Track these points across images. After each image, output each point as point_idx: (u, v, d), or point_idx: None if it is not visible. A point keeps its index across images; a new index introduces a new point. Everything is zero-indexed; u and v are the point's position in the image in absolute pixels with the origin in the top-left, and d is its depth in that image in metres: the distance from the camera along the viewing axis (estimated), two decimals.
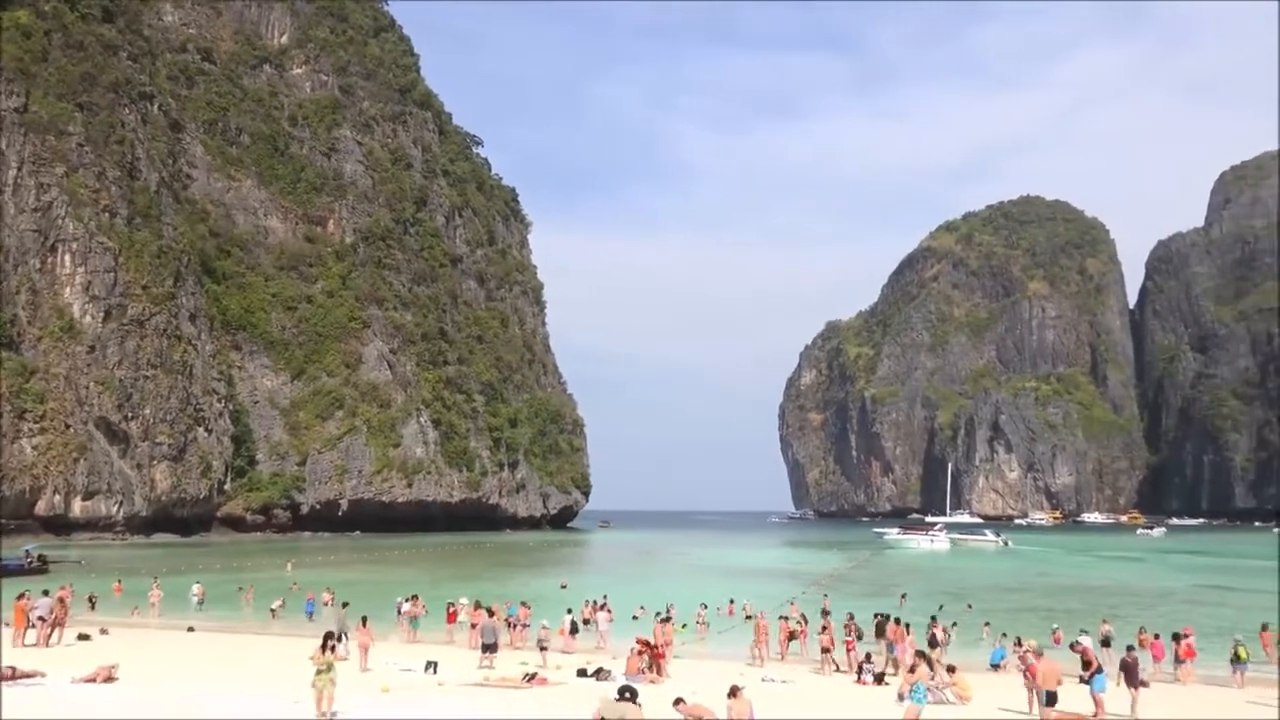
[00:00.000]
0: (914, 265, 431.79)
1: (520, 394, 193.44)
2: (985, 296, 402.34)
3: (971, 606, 47.49)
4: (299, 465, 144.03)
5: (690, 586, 56.02)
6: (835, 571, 78.40)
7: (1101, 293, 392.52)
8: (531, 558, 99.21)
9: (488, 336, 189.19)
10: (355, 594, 44.38)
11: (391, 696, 22.32)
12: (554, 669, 27.54)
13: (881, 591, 58.16)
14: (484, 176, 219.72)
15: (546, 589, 55.22)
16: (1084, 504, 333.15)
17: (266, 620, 41.64)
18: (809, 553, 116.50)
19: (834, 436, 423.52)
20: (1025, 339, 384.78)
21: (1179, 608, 51.98)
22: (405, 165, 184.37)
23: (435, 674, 26.29)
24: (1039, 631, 35.14)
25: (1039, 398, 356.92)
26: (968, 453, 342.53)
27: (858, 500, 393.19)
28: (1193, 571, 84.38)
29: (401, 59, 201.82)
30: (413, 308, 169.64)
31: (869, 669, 27.56)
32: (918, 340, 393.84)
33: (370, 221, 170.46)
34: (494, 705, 21.99)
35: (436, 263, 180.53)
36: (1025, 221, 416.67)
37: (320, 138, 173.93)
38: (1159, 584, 70.48)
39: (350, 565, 79.79)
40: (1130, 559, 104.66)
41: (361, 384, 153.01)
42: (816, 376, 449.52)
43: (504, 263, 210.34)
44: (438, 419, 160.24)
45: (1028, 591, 63.14)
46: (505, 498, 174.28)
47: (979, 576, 76.36)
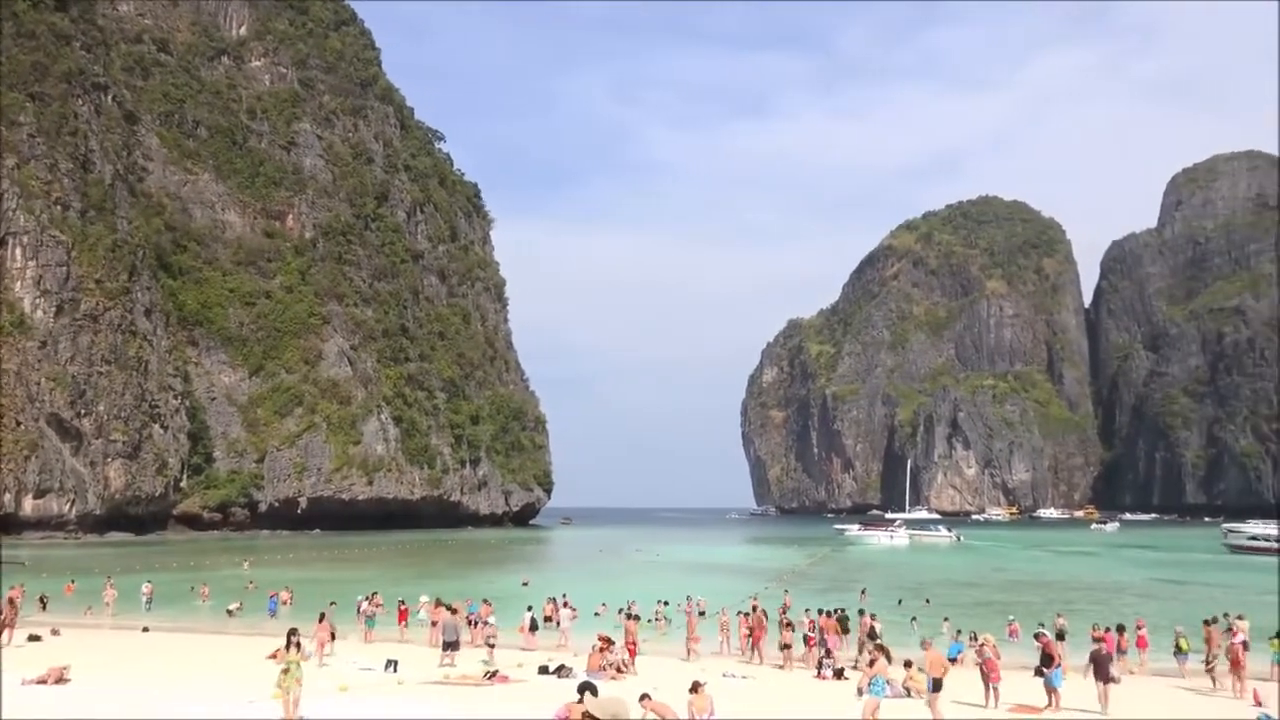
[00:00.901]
0: (875, 264, 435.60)
1: (482, 391, 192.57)
2: (944, 295, 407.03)
3: (930, 601, 48.06)
4: (257, 463, 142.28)
5: (652, 583, 56.14)
6: (796, 568, 78.96)
7: (1058, 292, 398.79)
8: (493, 555, 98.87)
9: (449, 333, 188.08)
10: (315, 592, 44.02)
11: (351, 696, 22.13)
12: (515, 666, 27.47)
13: (841, 587, 58.68)
14: (446, 172, 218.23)
15: (508, 586, 55.06)
16: (1040, 500, 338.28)
17: (223, 620, 41.12)
18: (770, 549, 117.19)
19: (795, 433, 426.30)
20: (983, 337, 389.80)
21: (1132, 601, 52.99)
22: (366, 160, 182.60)
23: (395, 673, 26.12)
24: (996, 626, 35.62)
25: (996, 395, 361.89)
26: (927, 449, 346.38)
27: (819, 497, 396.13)
28: (1145, 566, 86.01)
29: (362, 53, 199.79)
30: (373, 304, 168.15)
31: (829, 664, 27.83)
32: (878, 338, 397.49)
33: (330, 216, 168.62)
34: (455, 704, 21.89)
35: (398, 259, 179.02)
36: (984, 221, 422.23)
37: (279, 131, 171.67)
38: (1112, 578, 71.78)
39: (309, 563, 79.01)
40: (1084, 554, 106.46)
41: (321, 380, 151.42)
42: (778, 374, 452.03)
43: (466, 259, 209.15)
44: (399, 416, 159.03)
45: (985, 586, 64.02)
46: (467, 495, 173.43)
47: (937, 572, 77.28)
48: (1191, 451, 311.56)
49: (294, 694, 18.50)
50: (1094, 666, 22.53)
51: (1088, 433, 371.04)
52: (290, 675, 18.48)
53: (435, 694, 23.32)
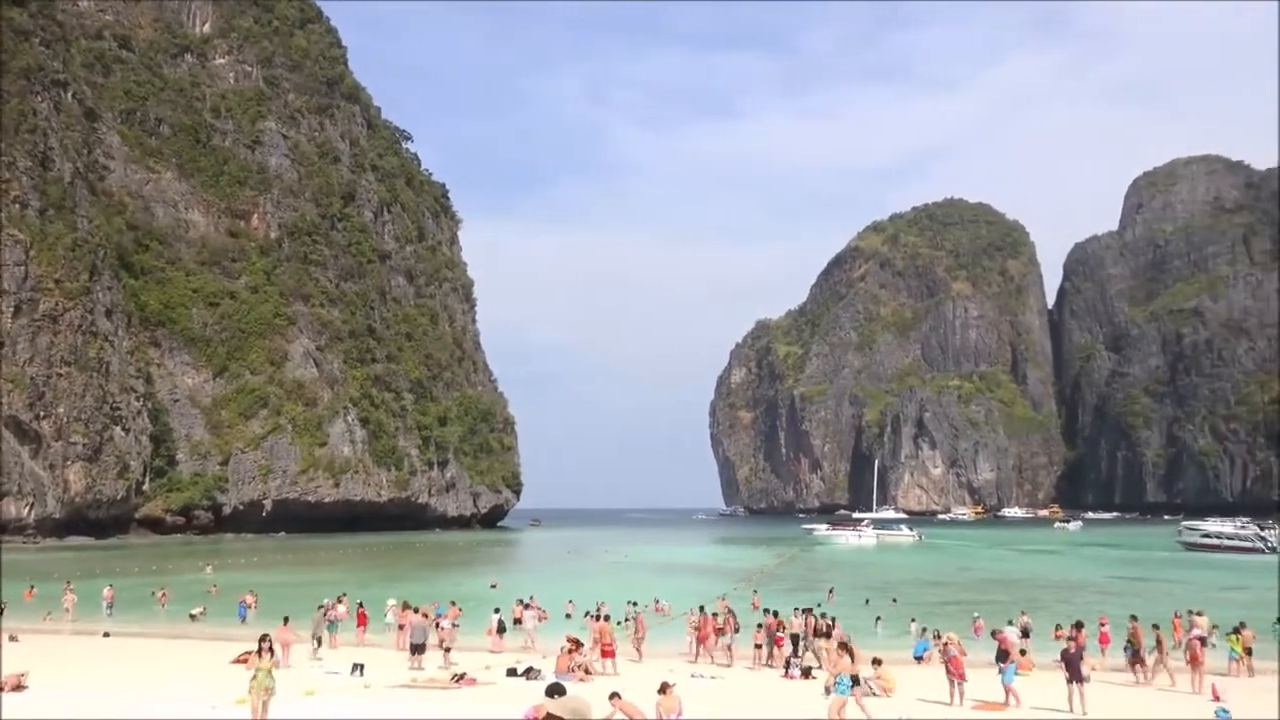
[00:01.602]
0: (842, 265, 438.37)
1: (450, 392, 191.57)
2: (911, 296, 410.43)
3: (896, 601, 48.48)
4: (221, 465, 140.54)
5: (621, 584, 56.18)
6: (764, 568, 79.29)
7: (1022, 293, 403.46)
8: (461, 557, 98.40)
9: (417, 334, 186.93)
10: (280, 596, 43.61)
11: (317, 700, 21.94)
12: (483, 669, 27.38)
13: (810, 586, 59.01)
14: (413, 172, 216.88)
15: (476, 589, 54.84)
16: (1005, 499, 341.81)
17: (185, 624, 40.61)
18: (739, 549, 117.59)
19: (764, 434, 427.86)
20: (949, 338, 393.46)
21: (1094, 598, 53.74)
22: (332, 159, 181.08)
23: (362, 676, 25.94)
24: (961, 625, 35.99)
25: (962, 395, 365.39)
26: (894, 450, 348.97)
27: (787, 497, 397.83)
28: (1106, 564, 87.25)
29: (328, 51, 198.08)
30: (340, 304, 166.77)
31: (796, 663, 28.00)
32: (845, 339, 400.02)
33: (296, 216, 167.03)
34: (422, 707, 21.77)
35: (364, 259, 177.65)
36: (949, 223, 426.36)
37: (244, 130, 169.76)
38: (1075, 576, 72.74)
39: (274, 566, 78.23)
40: (1047, 552, 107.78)
41: (287, 382, 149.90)
42: (747, 375, 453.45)
43: (434, 259, 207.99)
44: (365, 417, 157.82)
45: (951, 585, 64.65)
46: (435, 497, 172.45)
47: (904, 571, 77.95)
48: (1152, 451, 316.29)
49: (264, 701, 18.12)
50: (1065, 666, 22.40)
51: (1051, 432, 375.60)
52: (260, 682, 18.13)
53: (403, 697, 23.18)
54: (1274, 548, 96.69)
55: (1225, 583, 63.81)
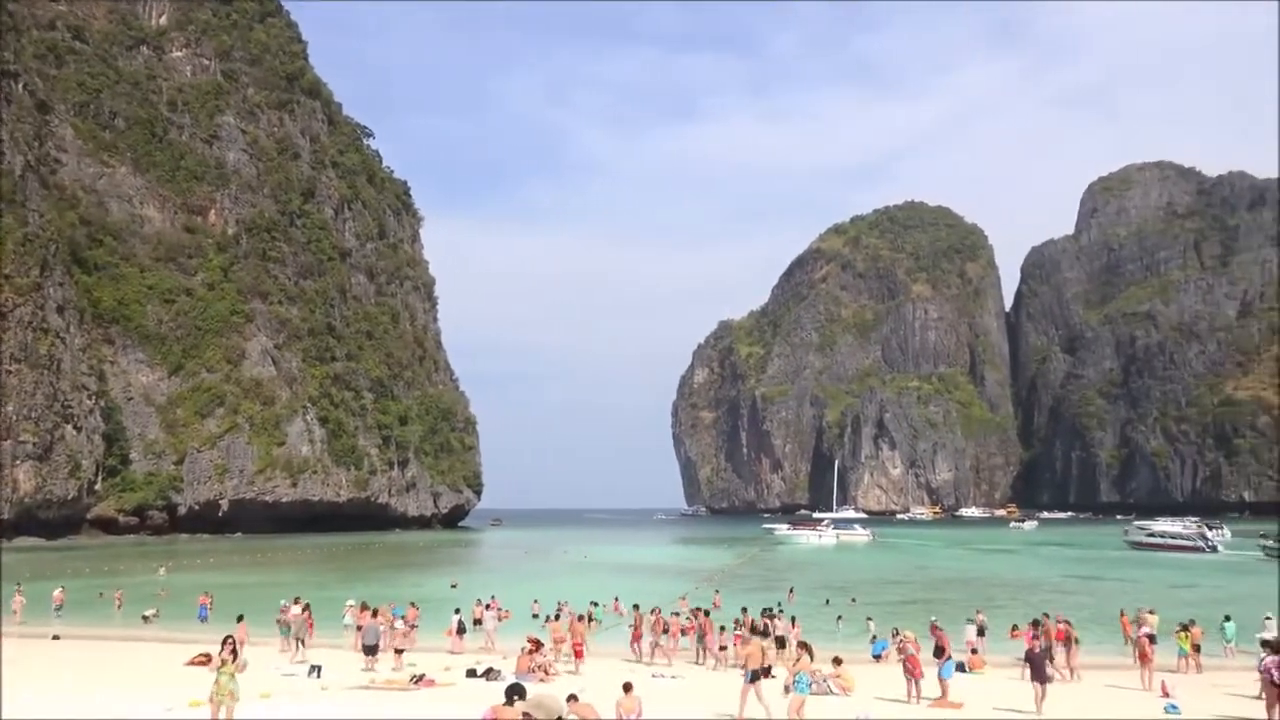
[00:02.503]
0: (804, 266, 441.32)
1: (411, 391, 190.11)
2: (871, 298, 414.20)
3: (855, 600, 48.86)
4: (176, 464, 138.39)
5: (582, 584, 56.12)
6: (725, 567, 79.61)
7: (980, 296, 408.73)
8: (421, 557, 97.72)
9: (377, 332, 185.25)
10: (237, 598, 43.06)
11: (273, 702, 21.66)
12: (442, 670, 27.23)
13: (770, 586, 59.35)
14: (375, 169, 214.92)
15: (437, 589, 54.51)
16: (962, 499, 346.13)
17: (138, 626, 39.93)
18: (700, 549, 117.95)
19: (725, 434, 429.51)
20: (909, 340, 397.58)
21: (1049, 596, 54.54)
22: (292, 155, 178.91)
23: (318, 678, 25.67)
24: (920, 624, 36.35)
25: (921, 396, 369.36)
26: (854, 450, 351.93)
27: (748, 497, 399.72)
28: (1060, 563, 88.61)
29: (288, 45, 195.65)
30: (299, 302, 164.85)
31: None
32: (807, 340, 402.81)
33: (254, 212, 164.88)
34: (380, 708, 21.59)
35: (324, 256, 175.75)
36: (910, 226, 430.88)
37: (201, 124, 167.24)
38: (1030, 575, 73.80)
39: (231, 568, 77.19)
40: (1004, 551, 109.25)
41: (244, 380, 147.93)
42: (709, 375, 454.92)
43: (395, 257, 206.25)
44: (325, 416, 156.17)
45: (909, 585, 65.30)
46: (395, 497, 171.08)
47: (863, 571, 78.62)
48: (1106, 451, 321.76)
49: (227, 706, 17.52)
50: (1029, 666, 22.19)
51: (1008, 433, 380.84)
52: (222, 686, 17.52)
53: (360, 699, 22.98)
54: (1214, 547, 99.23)
55: (1174, 581, 65.11)
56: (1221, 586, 60.20)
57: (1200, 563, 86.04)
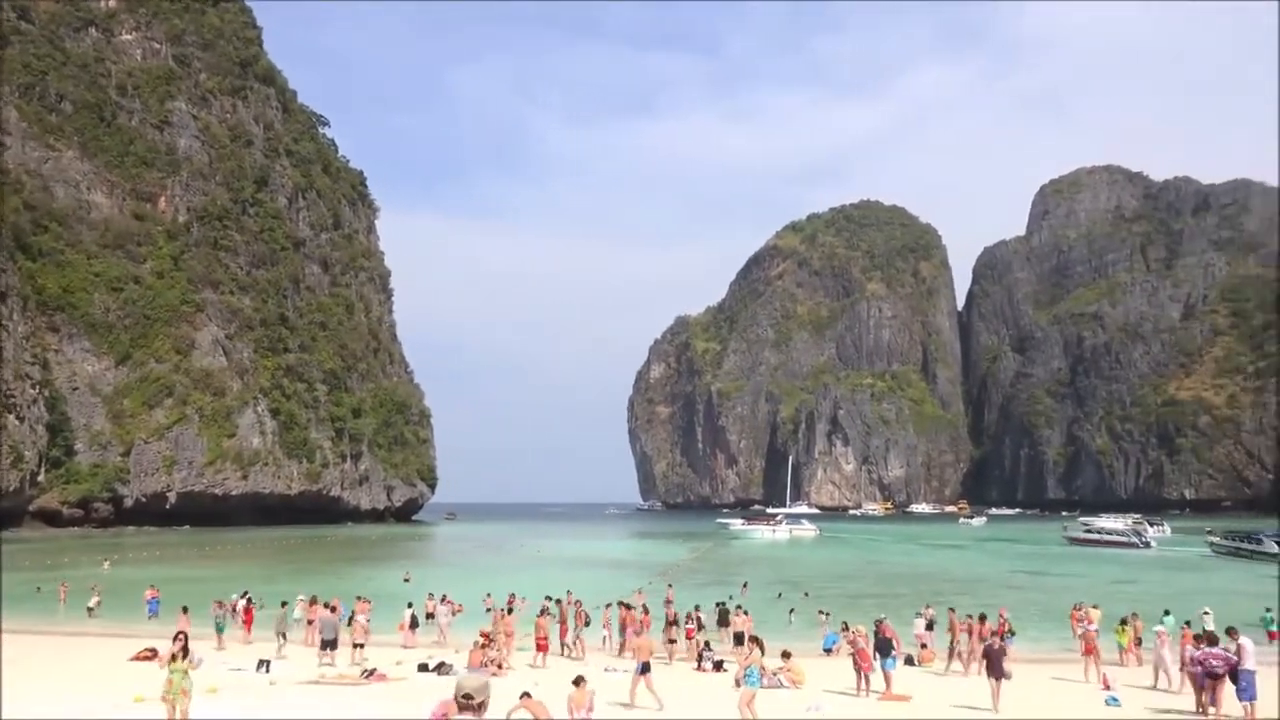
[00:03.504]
0: (761, 263, 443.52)
1: (365, 383, 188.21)
2: (827, 295, 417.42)
3: (808, 595, 49.34)
4: (123, 456, 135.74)
5: (535, 579, 56.04)
6: (680, 562, 79.93)
7: (933, 295, 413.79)
8: (374, 551, 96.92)
9: (331, 324, 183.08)
10: (184, 591, 42.43)
11: (219, 698, 21.38)
12: (394, 664, 27.09)
13: (724, 581, 59.67)
14: (330, 158, 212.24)
15: (389, 583, 54.11)
16: (914, 495, 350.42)
17: (82, 621, 39.18)
18: (654, 543, 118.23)
19: (681, 429, 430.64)
20: (863, 337, 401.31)
21: (997, 591, 55.52)
22: (245, 142, 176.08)
23: (267, 673, 25.41)
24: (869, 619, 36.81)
25: (874, 394, 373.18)
26: (808, 446, 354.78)
27: (703, 492, 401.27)
28: (1007, 558, 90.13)
29: (243, 31, 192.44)
30: (251, 292, 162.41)
31: (709, 656, 28.35)
32: (763, 336, 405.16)
33: (206, 200, 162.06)
34: (330, 704, 21.43)
35: (278, 246, 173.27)
36: (865, 225, 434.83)
37: (152, 109, 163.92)
38: (978, 570, 75.02)
39: (179, 561, 75.92)
40: (953, 547, 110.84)
41: (194, 371, 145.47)
42: (665, 370, 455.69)
43: (350, 248, 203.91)
44: (276, 408, 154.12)
45: (861, 579, 66.03)
46: (347, 490, 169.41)
47: (816, 565, 79.36)
48: (1053, 449, 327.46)
49: (181, 705, 16.94)
50: (986, 662, 21.79)
51: (959, 430, 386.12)
52: (175, 684, 16.95)
53: (310, 694, 22.78)
54: (1148, 543, 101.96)
55: (1116, 577, 66.56)
56: (1163, 582, 61.70)
57: (1141, 558, 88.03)
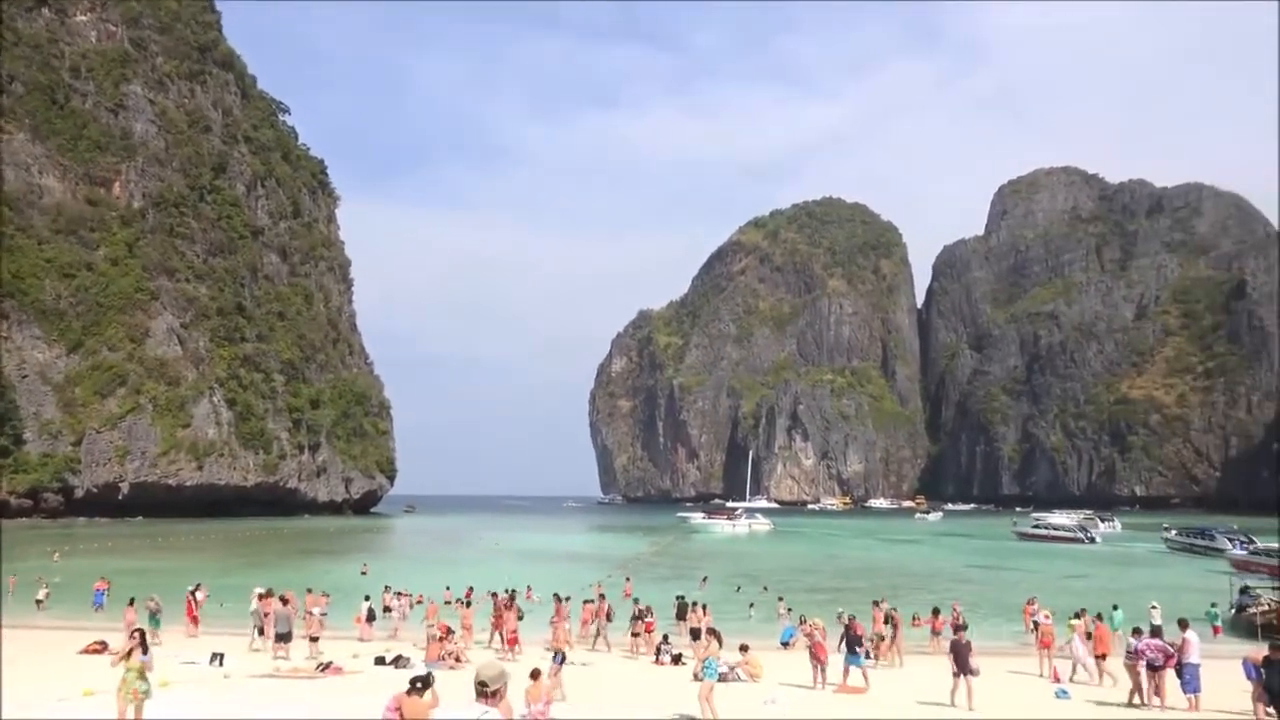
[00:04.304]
0: (723, 259, 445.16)
1: (324, 374, 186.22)
2: (788, 292, 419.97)
3: (767, 589, 49.69)
4: (74, 445, 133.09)
5: (494, 572, 55.90)
6: (639, 555, 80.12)
7: (893, 292, 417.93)
8: (331, 544, 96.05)
9: (290, 313, 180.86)
10: (136, 584, 41.78)
11: (171, 691, 21.08)
12: (351, 658, 26.89)
13: (683, 574, 59.93)
14: (290, 146, 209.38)
15: (346, 576, 53.70)
16: (872, 490, 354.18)
17: (31, 613, 38.44)
18: (614, 537, 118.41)
19: (642, 423, 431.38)
20: (824, 333, 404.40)
21: (951, 585, 56.30)
22: (203, 128, 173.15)
23: (221, 666, 25.12)
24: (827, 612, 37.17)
25: (834, 389, 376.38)
26: (768, 440, 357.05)
27: (664, 485, 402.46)
28: (963, 553, 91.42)
29: (201, 15, 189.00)
30: (208, 280, 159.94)
31: (667, 650, 28.47)
32: (724, 331, 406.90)
33: (162, 186, 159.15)
34: (284, 697, 21.23)
35: (235, 234, 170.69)
36: (827, 222, 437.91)
37: (107, 93, 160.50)
38: (934, 565, 76.02)
39: (131, 553, 74.70)
40: (910, 542, 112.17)
41: (148, 359, 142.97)
42: (627, 364, 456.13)
43: (309, 237, 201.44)
44: (233, 398, 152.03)
45: (819, 573, 66.62)
46: (305, 482, 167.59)
47: (775, 559, 79.92)
48: (1008, 446, 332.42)
49: (136, 705, 16.10)
50: (954, 658, 21.36)
51: (917, 427, 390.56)
52: (129, 684, 16.05)
53: (264, 687, 22.55)
54: (1093, 538, 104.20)
55: (1068, 571, 67.77)
56: (1114, 577, 62.90)
57: (1091, 553, 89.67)
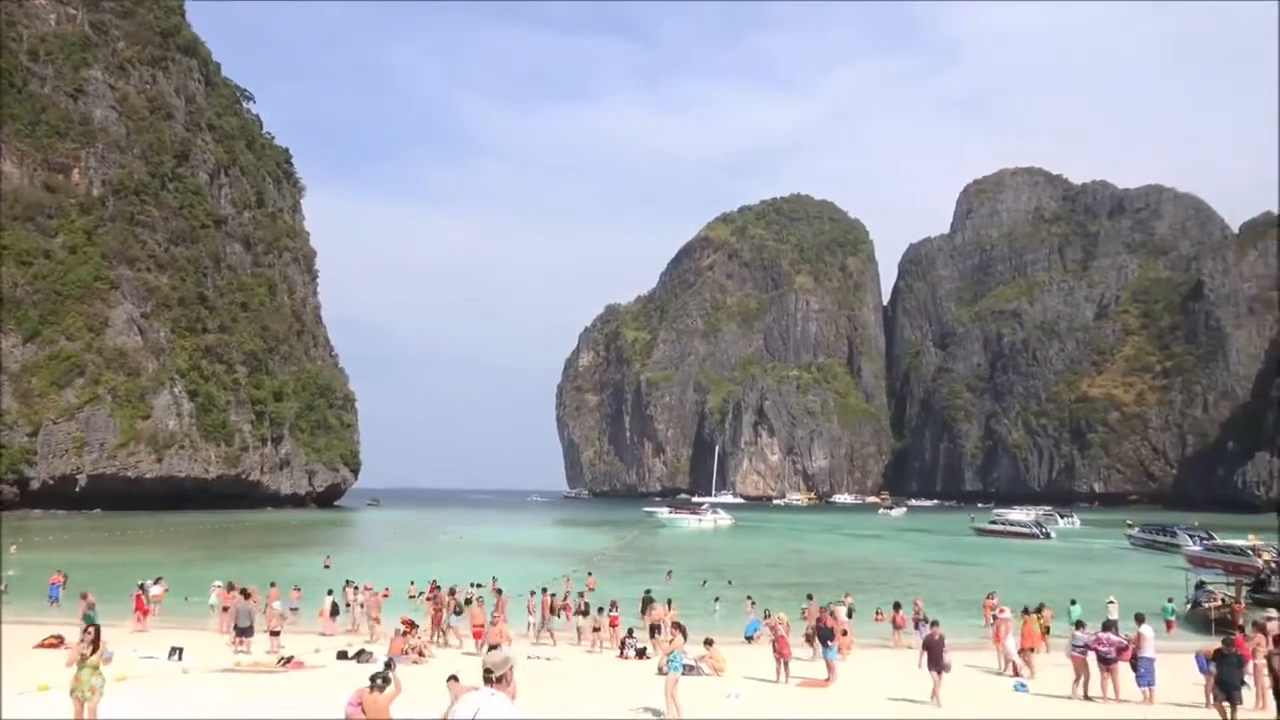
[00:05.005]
0: (691, 254, 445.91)
1: (287, 366, 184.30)
2: (756, 287, 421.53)
3: (732, 583, 49.93)
4: (30, 436, 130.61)
5: (458, 565, 55.68)
6: (605, 550, 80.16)
7: (859, 289, 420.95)
8: (294, 537, 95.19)
9: (253, 304, 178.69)
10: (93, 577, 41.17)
11: (129, 685, 20.80)
12: (312, 652, 26.70)
13: (648, 569, 60.06)
14: (255, 134, 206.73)
15: (309, 569, 53.25)
16: (836, 486, 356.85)
17: None
18: (580, 531, 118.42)
19: (609, 417, 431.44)
20: (790, 330, 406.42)
21: (913, 580, 56.90)
22: (165, 115, 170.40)
23: (180, 660, 24.82)
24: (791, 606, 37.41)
25: (800, 385, 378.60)
26: (734, 436, 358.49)
27: (630, 480, 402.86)
28: (925, 548, 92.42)
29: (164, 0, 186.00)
30: (169, 270, 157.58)
31: (631, 644, 28.53)
32: (692, 327, 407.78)
33: (123, 173, 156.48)
34: (244, 692, 21.01)
35: (198, 223, 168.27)
36: (795, 218, 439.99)
37: (66, 77, 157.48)
38: (896, 560, 76.78)
39: (88, 545, 73.55)
40: (873, 537, 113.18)
41: (107, 350, 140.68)
42: (594, 358, 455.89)
43: (274, 227, 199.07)
44: (194, 390, 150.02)
45: (783, 568, 67.06)
46: (268, 474, 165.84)
47: (740, 554, 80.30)
48: (971, 442, 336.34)
49: (90, 703, 15.39)
50: (927, 654, 21.27)
51: (881, 423, 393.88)
52: (84, 681, 15.34)
53: (223, 682, 22.31)
54: (1048, 534, 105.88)
55: (1027, 567, 68.72)
56: (1074, 573, 63.86)
57: (1050, 549, 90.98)
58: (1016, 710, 20.61)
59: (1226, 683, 18.61)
